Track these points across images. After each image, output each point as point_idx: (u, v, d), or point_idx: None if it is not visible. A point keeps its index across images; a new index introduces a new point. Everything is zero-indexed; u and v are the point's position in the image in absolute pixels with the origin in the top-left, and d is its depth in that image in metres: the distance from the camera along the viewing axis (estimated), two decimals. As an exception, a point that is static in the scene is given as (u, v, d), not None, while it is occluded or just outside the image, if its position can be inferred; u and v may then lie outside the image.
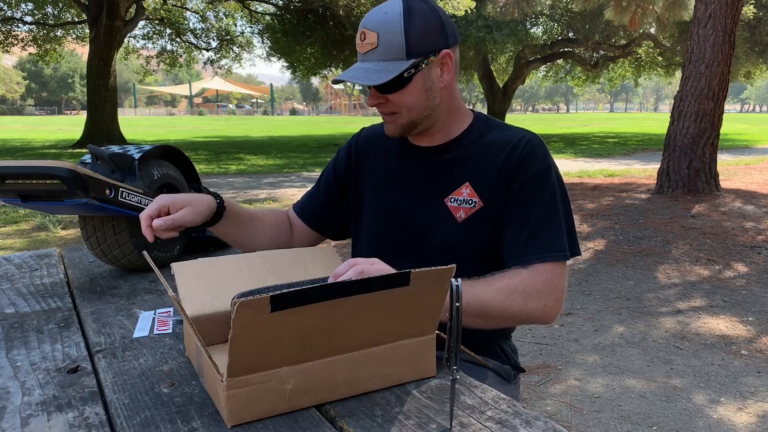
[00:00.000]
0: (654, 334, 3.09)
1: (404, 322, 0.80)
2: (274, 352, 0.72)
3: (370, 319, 0.76)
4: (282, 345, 0.72)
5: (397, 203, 1.23)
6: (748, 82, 22.79)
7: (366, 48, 1.10)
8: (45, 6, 18.22)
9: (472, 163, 1.18)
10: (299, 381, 0.75)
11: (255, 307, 0.66)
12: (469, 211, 1.16)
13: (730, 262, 4.36)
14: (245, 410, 0.73)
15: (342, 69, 21.15)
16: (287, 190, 8.22)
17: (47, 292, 1.28)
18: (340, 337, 0.74)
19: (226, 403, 0.72)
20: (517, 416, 0.73)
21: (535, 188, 1.13)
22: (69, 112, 74.43)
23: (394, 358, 0.82)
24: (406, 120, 1.15)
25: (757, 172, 9.33)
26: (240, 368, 0.71)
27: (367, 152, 1.32)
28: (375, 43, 1.08)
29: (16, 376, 0.86)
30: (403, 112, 1.14)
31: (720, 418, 2.27)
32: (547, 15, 20.01)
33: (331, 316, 0.72)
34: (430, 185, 1.20)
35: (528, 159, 1.14)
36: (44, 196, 1.13)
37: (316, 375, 0.76)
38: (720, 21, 6.29)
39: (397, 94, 1.11)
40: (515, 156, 1.14)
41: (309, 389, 0.76)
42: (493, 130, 1.20)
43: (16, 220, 5.86)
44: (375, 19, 1.08)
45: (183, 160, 1.51)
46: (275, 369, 0.73)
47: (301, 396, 0.76)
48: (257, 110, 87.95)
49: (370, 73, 1.08)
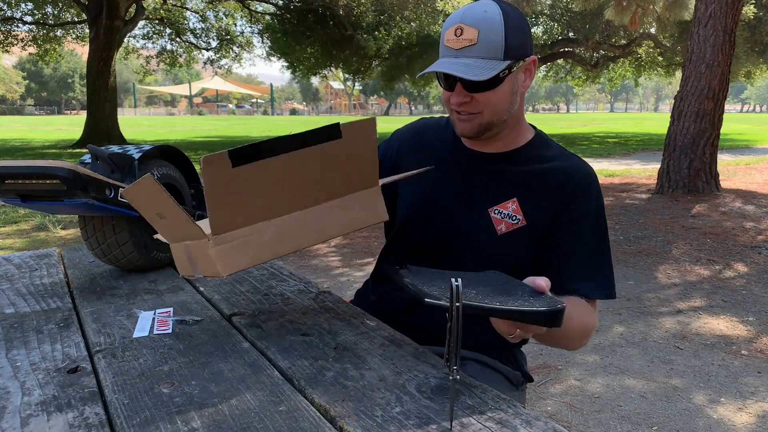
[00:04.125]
0: (654, 334, 3.09)
1: (348, 173, 0.94)
2: (247, 208, 0.84)
3: (319, 172, 0.90)
4: (253, 201, 0.83)
5: (437, 197, 1.22)
6: (748, 82, 22.76)
7: (463, 44, 1.07)
8: (45, 6, 18.23)
9: (524, 180, 1.17)
10: (275, 233, 0.88)
11: (217, 162, 0.77)
12: (510, 226, 1.16)
13: (731, 262, 4.36)
14: (234, 261, 0.85)
15: (342, 69, 21.16)
16: (287, 190, 8.22)
17: (47, 292, 1.28)
18: (301, 193, 0.86)
19: (217, 258, 0.83)
20: (517, 416, 0.73)
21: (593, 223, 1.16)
22: (69, 112, 74.43)
23: (351, 206, 0.97)
24: (486, 120, 1.13)
25: (758, 172, 9.33)
26: (221, 224, 0.83)
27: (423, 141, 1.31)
28: (474, 39, 1.06)
29: (16, 376, 0.86)
30: (486, 112, 1.12)
31: (720, 418, 2.27)
32: (547, 15, 20.01)
33: (285, 171, 0.86)
34: (476, 192, 1.19)
35: (586, 193, 1.16)
36: (44, 196, 1.13)
37: (288, 226, 0.90)
38: (720, 21, 6.29)
39: (486, 93, 1.10)
40: (570, 187, 1.15)
41: (284, 239, 0.89)
42: (552, 153, 1.20)
43: (16, 220, 5.86)
44: (474, 16, 1.06)
45: (183, 160, 1.51)
46: (252, 224, 0.86)
47: (278, 245, 0.89)
48: (257, 110, 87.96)
49: (469, 68, 1.06)
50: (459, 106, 1.12)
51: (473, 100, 1.11)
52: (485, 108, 1.11)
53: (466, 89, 1.10)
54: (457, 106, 1.12)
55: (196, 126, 33.42)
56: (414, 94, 74.99)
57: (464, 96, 1.11)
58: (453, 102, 1.13)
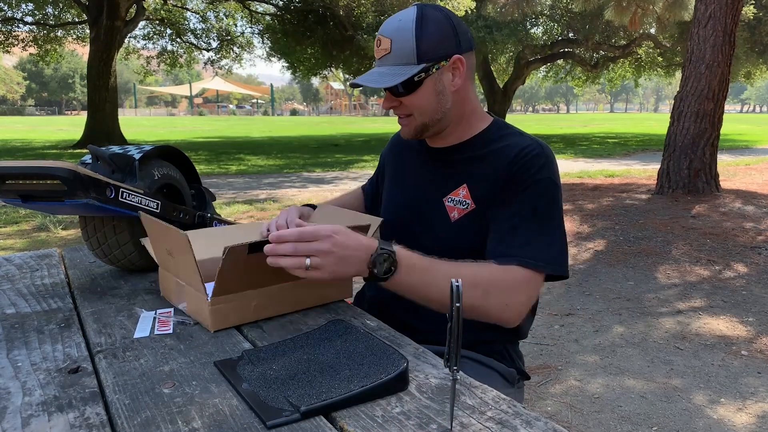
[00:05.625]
0: (654, 334, 3.09)
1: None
2: (241, 280, 1.02)
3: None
4: (247, 276, 1.02)
5: (405, 197, 1.32)
6: (748, 83, 22.78)
7: (381, 53, 1.16)
8: (45, 6, 18.24)
9: (473, 165, 1.21)
10: (259, 300, 1.06)
11: (240, 250, 0.96)
12: (462, 212, 1.20)
13: (730, 262, 4.36)
14: (223, 319, 1.03)
15: (342, 69, 21.16)
16: (287, 191, 8.22)
17: (48, 292, 1.28)
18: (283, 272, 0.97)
19: (211, 314, 1.01)
20: (518, 416, 0.73)
21: (529, 195, 1.13)
22: (69, 113, 74.45)
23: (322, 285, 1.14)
24: (419, 122, 1.20)
25: (758, 173, 9.33)
26: (221, 292, 1.01)
27: (397, 147, 1.43)
28: (388, 48, 1.15)
29: (17, 377, 0.87)
30: (416, 114, 1.19)
31: (720, 418, 2.27)
32: (547, 15, 20.02)
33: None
34: (434, 184, 1.26)
35: (526, 167, 1.14)
36: (45, 197, 1.13)
37: (271, 296, 1.07)
38: (720, 21, 6.29)
39: (409, 97, 1.17)
40: (515, 164, 1.15)
41: (267, 306, 1.08)
42: (506, 138, 1.22)
43: (17, 220, 5.86)
44: (390, 27, 1.15)
45: (183, 160, 1.51)
46: (243, 292, 1.04)
47: (262, 310, 1.07)
48: (257, 110, 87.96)
49: (383, 76, 1.14)
50: (390, 110, 1.21)
51: (401, 105, 1.19)
52: (414, 110, 1.19)
53: (392, 94, 1.19)
54: (389, 110, 1.22)
55: (197, 126, 33.43)
56: (414, 94, 74.70)
57: (392, 101, 1.20)
58: (384, 107, 1.24)
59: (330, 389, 0.78)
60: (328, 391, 0.77)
